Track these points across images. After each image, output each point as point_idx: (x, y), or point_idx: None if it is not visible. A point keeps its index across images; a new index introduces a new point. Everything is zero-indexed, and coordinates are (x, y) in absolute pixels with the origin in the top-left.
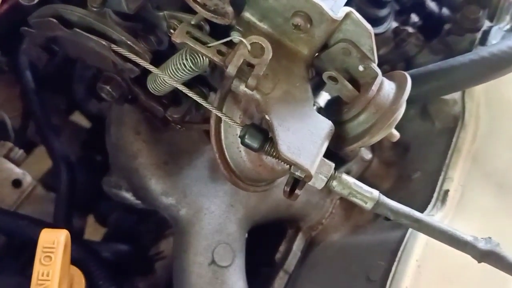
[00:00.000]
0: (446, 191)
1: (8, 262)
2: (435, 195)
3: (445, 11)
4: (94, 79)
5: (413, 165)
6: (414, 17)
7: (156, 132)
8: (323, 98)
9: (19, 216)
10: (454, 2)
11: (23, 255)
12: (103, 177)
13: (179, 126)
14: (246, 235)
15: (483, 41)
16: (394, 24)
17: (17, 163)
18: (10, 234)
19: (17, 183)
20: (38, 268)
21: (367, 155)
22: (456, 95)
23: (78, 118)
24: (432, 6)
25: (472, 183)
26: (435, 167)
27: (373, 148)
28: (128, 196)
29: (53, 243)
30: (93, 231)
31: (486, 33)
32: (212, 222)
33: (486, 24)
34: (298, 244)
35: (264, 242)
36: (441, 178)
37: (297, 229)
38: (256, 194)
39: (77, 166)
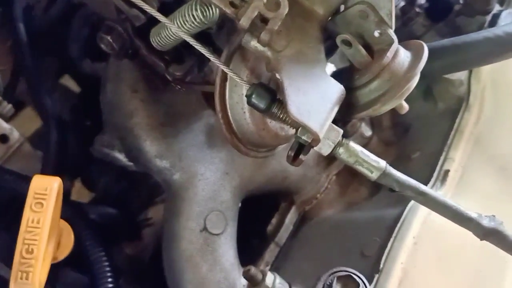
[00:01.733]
0: (447, 171)
1: None
2: (435, 174)
3: None
4: (90, 38)
5: (413, 145)
6: None
7: (154, 92)
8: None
9: (5, 171)
10: None
11: (9, 212)
12: (92, 142)
13: (179, 87)
14: (240, 204)
15: (493, 24)
16: (402, 3)
17: (5, 118)
18: None
19: (4, 138)
20: (28, 215)
21: (367, 132)
22: (462, 76)
23: (68, 83)
24: None
25: (473, 165)
26: (436, 147)
27: (373, 126)
28: (121, 157)
29: (46, 189)
30: (79, 196)
31: (496, 17)
32: (206, 189)
33: (496, 8)
34: (290, 218)
35: (256, 213)
36: (442, 158)
37: (290, 203)
38: (252, 164)
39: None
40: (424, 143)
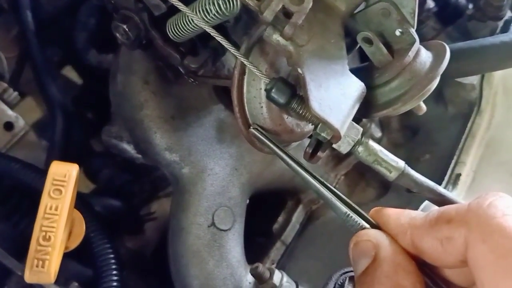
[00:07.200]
0: (458, 175)
1: None
2: (446, 177)
3: (462, 0)
4: (97, 28)
5: (422, 148)
6: (430, 3)
7: (165, 84)
8: None
9: (11, 159)
10: None
11: (9, 201)
12: (92, 134)
13: (192, 80)
14: (248, 201)
15: (505, 30)
16: None
17: (10, 106)
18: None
19: (9, 126)
20: (46, 201)
21: (377, 133)
22: (474, 80)
23: (69, 74)
24: None
25: (484, 169)
26: (446, 151)
27: (382, 127)
28: (129, 148)
29: (65, 176)
30: (80, 186)
31: (508, 23)
32: (215, 184)
33: (508, 14)
34: (297, 217)
35: (262, 211)
36: (453, 162)
37: (297, 201)
38: (261, 161)
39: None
40: (434, 146)
